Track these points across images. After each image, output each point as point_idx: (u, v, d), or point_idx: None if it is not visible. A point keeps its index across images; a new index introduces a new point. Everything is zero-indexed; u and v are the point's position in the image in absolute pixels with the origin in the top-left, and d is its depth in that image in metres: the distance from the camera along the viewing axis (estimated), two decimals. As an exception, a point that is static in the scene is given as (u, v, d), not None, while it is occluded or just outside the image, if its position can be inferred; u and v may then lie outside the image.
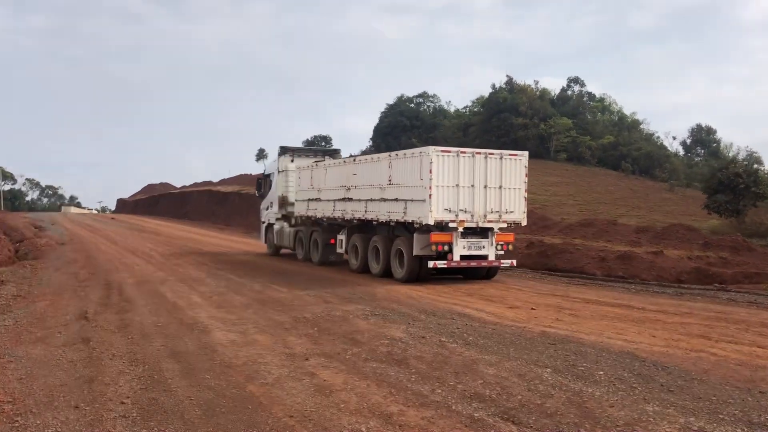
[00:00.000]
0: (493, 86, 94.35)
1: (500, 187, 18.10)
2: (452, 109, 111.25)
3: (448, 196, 17.50)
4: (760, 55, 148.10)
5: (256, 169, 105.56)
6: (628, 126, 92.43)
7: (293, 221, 27.19)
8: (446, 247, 17.68)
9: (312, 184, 24.39)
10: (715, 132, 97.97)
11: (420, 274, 18.40)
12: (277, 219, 27.73)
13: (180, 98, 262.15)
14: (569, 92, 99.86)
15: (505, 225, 18.32)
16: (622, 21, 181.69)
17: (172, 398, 7.21)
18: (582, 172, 70.63)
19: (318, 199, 23.81)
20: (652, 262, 22.97)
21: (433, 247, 17.60)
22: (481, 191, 17.87)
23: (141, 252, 28.14)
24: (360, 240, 20.92)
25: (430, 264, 17.66)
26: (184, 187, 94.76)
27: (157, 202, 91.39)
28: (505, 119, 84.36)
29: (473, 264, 18.21)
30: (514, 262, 19.06)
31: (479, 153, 17.89)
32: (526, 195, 18.60)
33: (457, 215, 17.56)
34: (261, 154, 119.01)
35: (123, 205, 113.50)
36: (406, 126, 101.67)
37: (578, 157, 78.80)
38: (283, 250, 28.13)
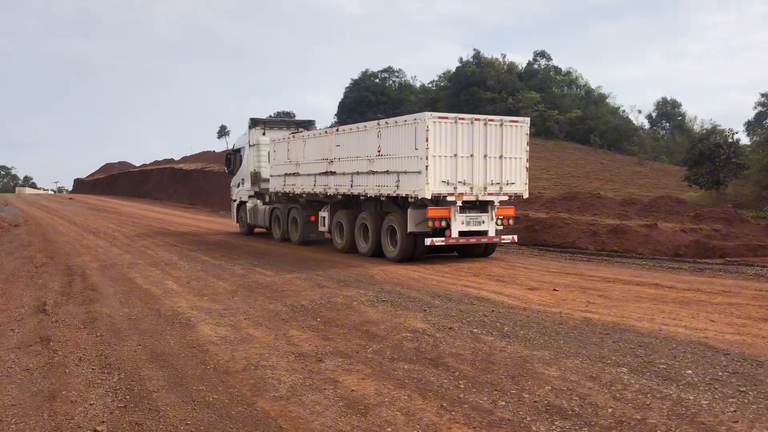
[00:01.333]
0: (461, 60, 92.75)
1: (501, 156, 16.60)
2: (418, 84, 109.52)
3: (445, 167, 15.94)
4: (712, 32, 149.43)
5: (219, 146, 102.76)
6: (595, 100, 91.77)
7: (267, 198, 25.42)
8: (444, 223, 16.17)
9: (289, 158, 22.61)
10: (680, 105, 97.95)
11: (415, 253, 16.88)
12: (250, 196, 25.93)
13: (136, 75, 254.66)
14: (535, 66, 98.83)
15: (506, 198, 16.86)
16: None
17: (162, 423, 5.56)
18: (551, 146, 69.62)
19: (296, 174, 22.05)
20: (647, 236, 21.86)
21: (430, 223, 16.07)
22: (480, 161, 16.35)
23: (103, 233, 26.08)
24: (345, 217, 19.28)
25: (427, 241, 16.13)
26: (144, 165, 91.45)
27: (116, 181, 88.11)
28: (473, 93, 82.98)
29: (473, 240, 16.73)
30: (515, 237, 17.64)
31: (478, 119, 16.34)
32: (527, 165, 17.14)
33: (455, 188, 16.03)
34: (223, 131, 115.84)
35: (81, 185, 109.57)
36: (372, 101, 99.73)
37: (546, 131, 77.86)
38: (257, 230, 26.35)
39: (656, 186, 47.88)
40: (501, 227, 17.10)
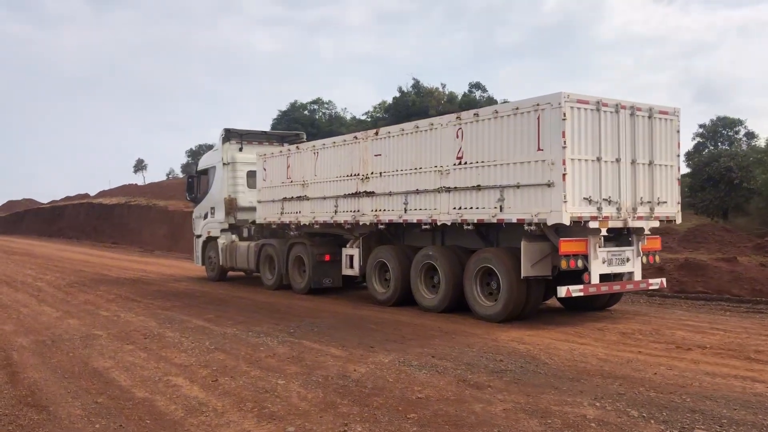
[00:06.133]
0: (400, 89, 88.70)
1: (650, 162, 11.33)
2: (348, 117, 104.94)
3: (587, 178, 10.51)
4: (610, 72, 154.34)
5: (137, 180, 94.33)
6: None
7: (247, 232, 19.31)
8: (580, 262, 10.66)
9: (290, 177, 16.65)
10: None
11: (526, 308, 11.29)
12: (223, 230, 19.67)
13: (38, 110, 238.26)
14: (472, 96, 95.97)
15: (657, 224, 11.57)
16: (490, 38, 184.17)
17: None
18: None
19: (302, 198, 16.11)
20: (733, 272, 17.14)
21: (564, 263, 10.51)
22: (627, 169, 11.03)
23: (21, 282, 19.16)
24: (394, 256, 13.49)
25: (561, 292, 10.53)
26: (54, 201, 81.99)
27: (21, 219, 78.20)
28: (416, 123, 78.76)
29: (616, 288, 11.29)
30: (664, 281, 12.27)
31: (624, 107, 11.01)
32: (679, 177, 11.94)
33: (599, 208, 10.59)
34: (140, 165, 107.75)
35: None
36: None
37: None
38: (230, 273, 20.10)
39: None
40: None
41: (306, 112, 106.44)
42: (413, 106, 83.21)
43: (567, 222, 10.17)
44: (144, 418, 6.09)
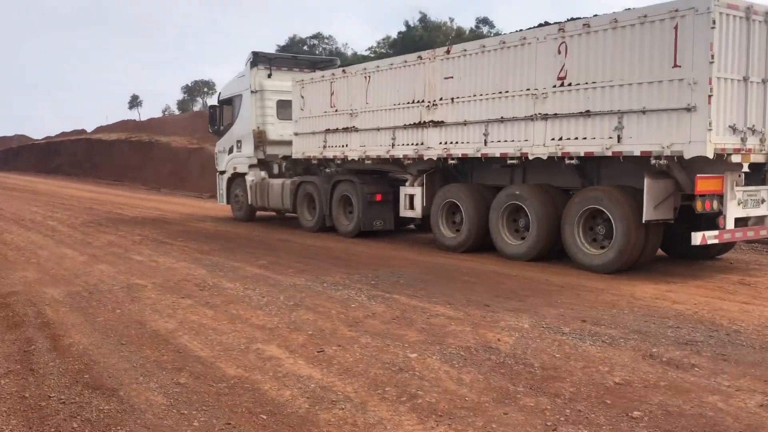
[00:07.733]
0: (407, 23, 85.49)
1: (792, 86, 9.49)
2: (349, 53, 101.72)
3: (733, 102, 8.69)
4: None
5: (133, 116, 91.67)
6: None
7: (277, 169, 17.46)
8: (715, 204, 8.92)
9: (335, 106, 14.72)
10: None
11: (642, 257, 9.60)
12: (251, 166, 17.72)
13: (27, 44, 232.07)
14: (479, 32, 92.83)
15: (795, 159, 9.80)
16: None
17: None
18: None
19: (351, 129, 14.23)
20: None
21: (699, 204, 8.77)
22: (769, 92, 9.20)
23: (31, 221, 17.34)
24: (467, 195, 11.73)
25: (696, 239, 8.78)
26: (48, 137, 79.38)
27: (16, 155, 75.77)
28: (425, 58, 75.93)
29: (750, 234, 9.60)
30: (795, 227, 10.54)
31: (773, 15, 9.10)
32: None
33: (743, 139, 8.81)
34: (135, 102, 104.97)
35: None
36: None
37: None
38: (260, 212, 18.32)
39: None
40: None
41: (305, 47, 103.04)
42: (420, 40, 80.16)
43: (710, 155, 8.40)
44: (254, 410, 4.40)
